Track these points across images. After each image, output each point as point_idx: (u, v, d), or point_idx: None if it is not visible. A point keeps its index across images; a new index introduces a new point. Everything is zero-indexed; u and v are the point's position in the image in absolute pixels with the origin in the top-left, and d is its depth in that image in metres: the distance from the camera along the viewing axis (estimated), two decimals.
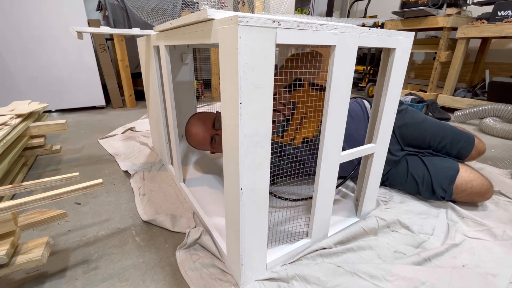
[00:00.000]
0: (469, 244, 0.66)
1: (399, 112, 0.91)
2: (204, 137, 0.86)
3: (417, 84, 2.62)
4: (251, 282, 0.54)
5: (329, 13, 3.44)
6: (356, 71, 2.78)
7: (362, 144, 0.69)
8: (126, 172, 1.05)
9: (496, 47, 2.30)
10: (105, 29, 0.90)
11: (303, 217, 0.73)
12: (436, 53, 1.99)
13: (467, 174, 0.79)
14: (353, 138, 0.82)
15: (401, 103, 0.94)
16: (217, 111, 0.95)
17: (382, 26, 2.37)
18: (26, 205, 0.52)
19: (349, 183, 0.95)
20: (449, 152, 0.88)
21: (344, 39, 0.46)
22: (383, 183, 0.92)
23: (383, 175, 0.91)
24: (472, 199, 0.80)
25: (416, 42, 2.28)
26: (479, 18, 1.83)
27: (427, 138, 0.88)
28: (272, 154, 0.77)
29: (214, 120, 0.87)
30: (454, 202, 0.81)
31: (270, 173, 0.47)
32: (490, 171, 1.03)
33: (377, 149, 0.66)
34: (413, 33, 0.59)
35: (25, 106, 1.10)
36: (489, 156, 1.22)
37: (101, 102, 2.10)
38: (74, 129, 1.60)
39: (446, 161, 0.83)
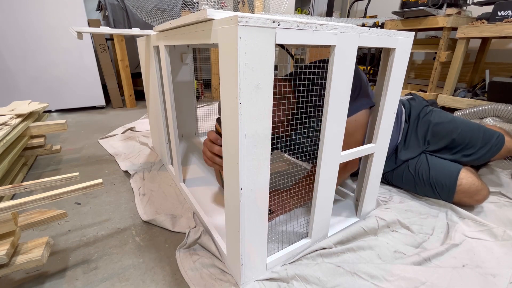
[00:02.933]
0: (469, 244, 0.66)
1: (425, 114, 0.91)
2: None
3: (417, 84, 2.62)
4: (251, 282, 0.54)
5: (329, 13, 3.44)
6: None
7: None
8: (126, 172, 1.05)
9: (496, 47, 2.30)
10: (105, 29, 0.90)
11: (303, 217, 0.73)
12: (436, 53, 1.98)
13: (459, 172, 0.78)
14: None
15: (427, 106, 0.93)
16: None
17: (382, 26, 2.37)
18: (26, 205, 0.52)
19: (349, 183, 0.95)
20: (478, 151, 0.86)
21: (344, 39, 0.46)
22: (382, 176, 0.91)
23: (387, 171, 0.92)
24: (460, 199, 0.79)
25: (416, 42, 2.28)
26: (479, 18, 1.83)
27: (455, 138, 0.86)
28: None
29: None
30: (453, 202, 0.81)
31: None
32: (490, 171, 1.03)
33: (377, 149, 0.66)
34: (413, 33, 0.59)
35: (25, 106, 1.10)
36: None
37: (101, 102, 2.10)
38: (74, 129, 1.60)
39: (449, 162, 0.83)
